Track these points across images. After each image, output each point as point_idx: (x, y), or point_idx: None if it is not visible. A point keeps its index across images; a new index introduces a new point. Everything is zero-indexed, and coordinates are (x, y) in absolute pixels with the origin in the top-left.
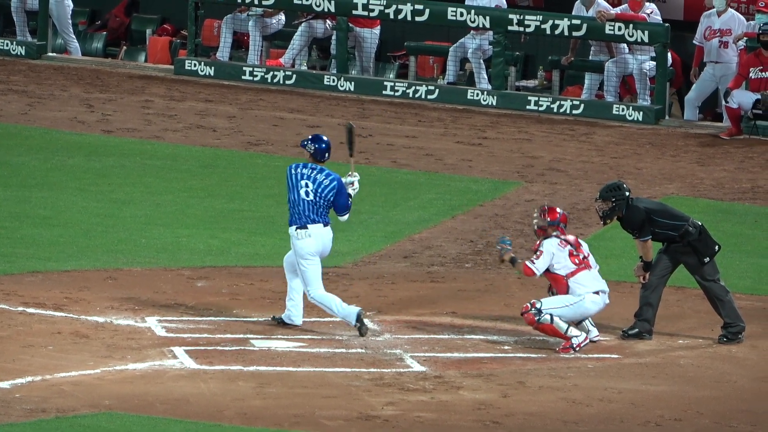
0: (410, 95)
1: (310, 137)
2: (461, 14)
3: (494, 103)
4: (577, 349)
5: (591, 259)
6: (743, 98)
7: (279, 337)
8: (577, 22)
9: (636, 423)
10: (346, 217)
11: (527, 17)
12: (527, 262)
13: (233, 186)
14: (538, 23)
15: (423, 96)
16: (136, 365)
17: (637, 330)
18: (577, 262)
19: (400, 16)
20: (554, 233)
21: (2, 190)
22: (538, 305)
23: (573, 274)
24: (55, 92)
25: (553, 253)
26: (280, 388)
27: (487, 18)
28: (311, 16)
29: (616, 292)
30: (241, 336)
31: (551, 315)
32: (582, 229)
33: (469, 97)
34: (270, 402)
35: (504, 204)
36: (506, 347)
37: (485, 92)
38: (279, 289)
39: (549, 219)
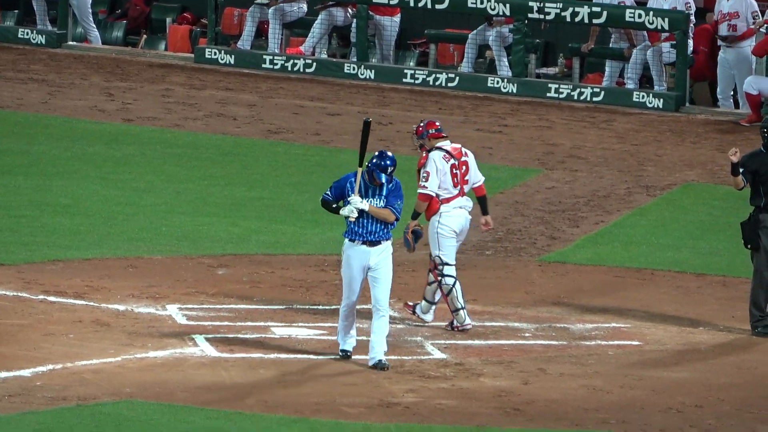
0: (430, 83)
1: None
2: (481, 2)
3: (514, 91)
4: (457, 329)
5: (472, 173)
6: (763, 85)
7: (300, 324)
8: (597, 9)
9: (657, 410)
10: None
11: (547, 5)
12: (419, 190)
13: (253, 174)
14: (558, 11)
15: (443, 84)
16: (156, 353)
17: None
18: (456, 180)
19: (420, 4)
20: (436, 145)
21: (23, 178)
22: (437, 261)
23: (449, 200)
24: (76, 81)
25: (437, 168)
26: (300, 375)
27: (507, 6)
28: (332, 4)
29: (636, 279)
30: (262, 324)
31: (454, 286)
32: (603, 216)
33: (489, 84)
34: (291, 390)
35: (524, 191)
36: (527, 334)
37: (505, 80)
38: (299, 276)
39: (418, 135)
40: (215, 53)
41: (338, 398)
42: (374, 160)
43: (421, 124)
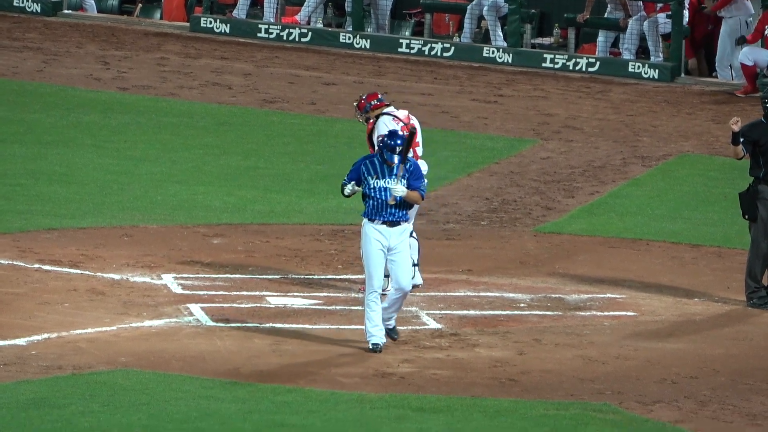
0: (426, 53)
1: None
2: None
3: (510, 61)
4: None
5: (420, 139)
6: (759, 56)
7: (295, 294)
8: None
9: (652, 380)
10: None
11: None
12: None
13: (249, 143)
14: None
15: (439, 53)
16: (152, 322)
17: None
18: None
19: None
20: (383, 112)
21: (18, 147)
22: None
23: None
24: (71, 49)
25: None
26: (296, 345)
27: None
28: None
29: (631, 249)
30: (257, 293)
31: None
32: (598, 187)
33: (484, 54)
34: (286, 359)
35: (520, 161)
36: (522, 305)
37: (501, 50)
38: (294, 246)
39: (361, 110)
40: (211, 22)
41: (333, 368)
42: (384, 140)
43: (363, 97)
